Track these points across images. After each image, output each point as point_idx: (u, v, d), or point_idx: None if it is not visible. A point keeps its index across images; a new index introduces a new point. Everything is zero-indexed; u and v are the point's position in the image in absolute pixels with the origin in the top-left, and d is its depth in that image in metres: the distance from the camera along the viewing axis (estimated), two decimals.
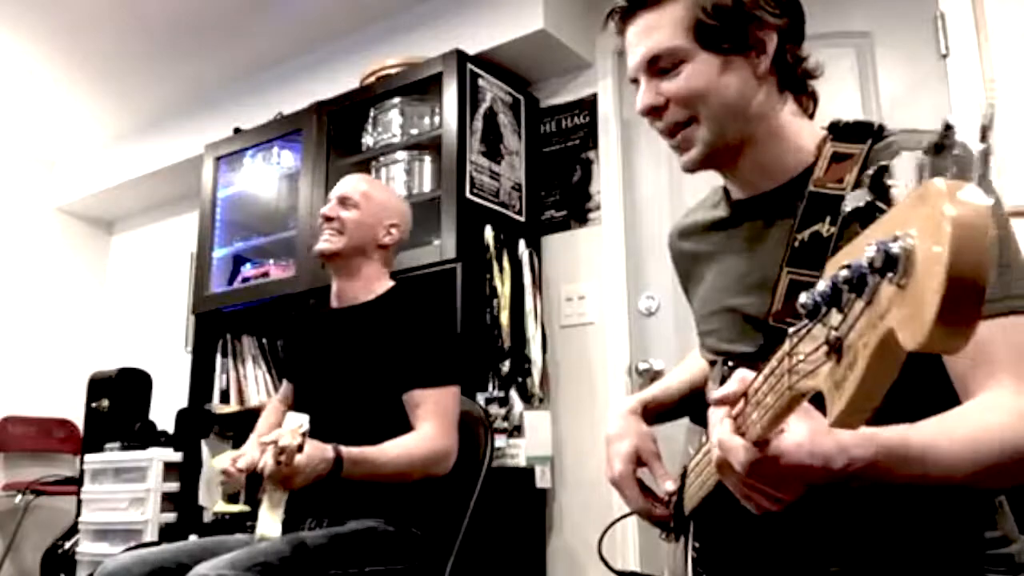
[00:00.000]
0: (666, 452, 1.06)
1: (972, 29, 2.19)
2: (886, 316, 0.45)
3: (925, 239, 0.41)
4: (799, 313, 0.55)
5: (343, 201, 1.83)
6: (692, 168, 0.99)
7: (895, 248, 0.44)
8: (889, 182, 0.57)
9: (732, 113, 0.94)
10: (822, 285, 0.53)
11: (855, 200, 0.60)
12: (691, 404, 1.13)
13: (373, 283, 1.82)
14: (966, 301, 0.39)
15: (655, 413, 1.11)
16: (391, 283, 1.86)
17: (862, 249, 0.47)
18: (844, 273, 0.49)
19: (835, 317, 0.52)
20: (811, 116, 1.00)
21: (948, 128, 0.58)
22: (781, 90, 0.97)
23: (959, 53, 2.20)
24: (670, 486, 1.00)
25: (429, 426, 1.62)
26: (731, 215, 1.03)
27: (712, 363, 1.03)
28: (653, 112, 0.97)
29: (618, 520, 1.17)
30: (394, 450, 1.57)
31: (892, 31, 2.33)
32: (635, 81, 0.99)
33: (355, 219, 1.81)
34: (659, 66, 0.95)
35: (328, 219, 1.82)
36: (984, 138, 0.57)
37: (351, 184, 1.88)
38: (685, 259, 1.12)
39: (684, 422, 1.13)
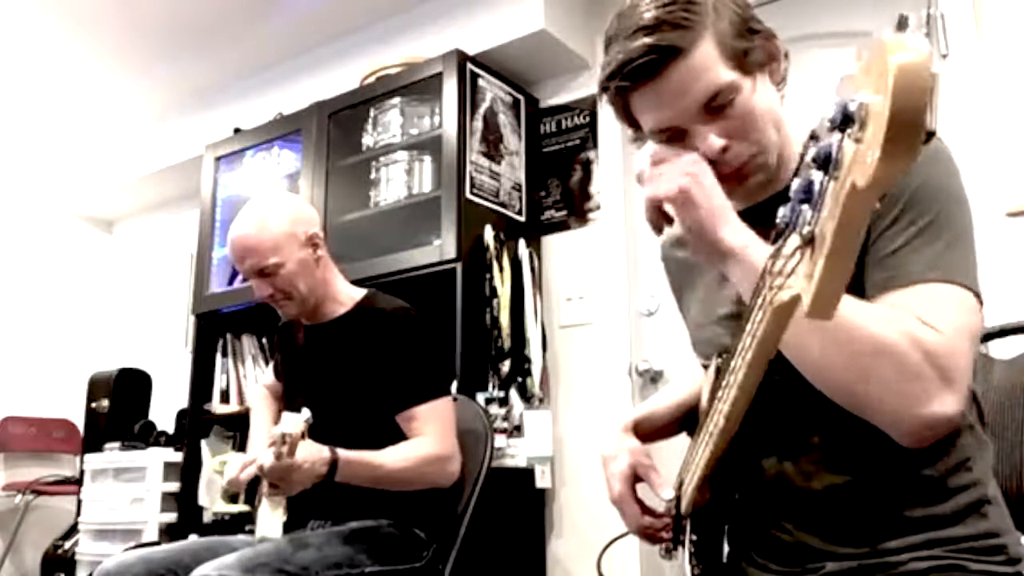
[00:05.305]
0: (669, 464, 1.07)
1: (972, 29, 2.19)
2: (847, 176, 0.47)
3: (877, 90, 0.45)
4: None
5: (261, 274, 1.66)
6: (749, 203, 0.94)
7: (852, 105, 0.47)
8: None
9: (777, 130, 0.92)
10: (796, 184, 0.54)
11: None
12: (686, 421, 1.14)
13: (339, 295, 1.77)
14: (906, 138, 0.43)
15: (648, 431, 1.11)
16: (360, 291, 1.79)
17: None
18: (812, 152, 0.51)
19: (807, 216, 0.53)
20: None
21: (904, 21, 0.58)
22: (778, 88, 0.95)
23: (959, 53, 2.20)
24: (670, 493, 1.01)
25: (426, 434, 1.62)
26: None
27: (706, 367, 1.03)
28: (722, 152, 0.89)
29: (617, 539, 1.17)
30: (391, 454, 1.57)
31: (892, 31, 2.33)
32: (664, 131, 0.91)
33: (287, 277, 1.66)
34: (715, 104, 0.88)
35: (270, 297, 1.69)
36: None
37: (247, 245, 1.65)
38: (678, 268, 1.11)
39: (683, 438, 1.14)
